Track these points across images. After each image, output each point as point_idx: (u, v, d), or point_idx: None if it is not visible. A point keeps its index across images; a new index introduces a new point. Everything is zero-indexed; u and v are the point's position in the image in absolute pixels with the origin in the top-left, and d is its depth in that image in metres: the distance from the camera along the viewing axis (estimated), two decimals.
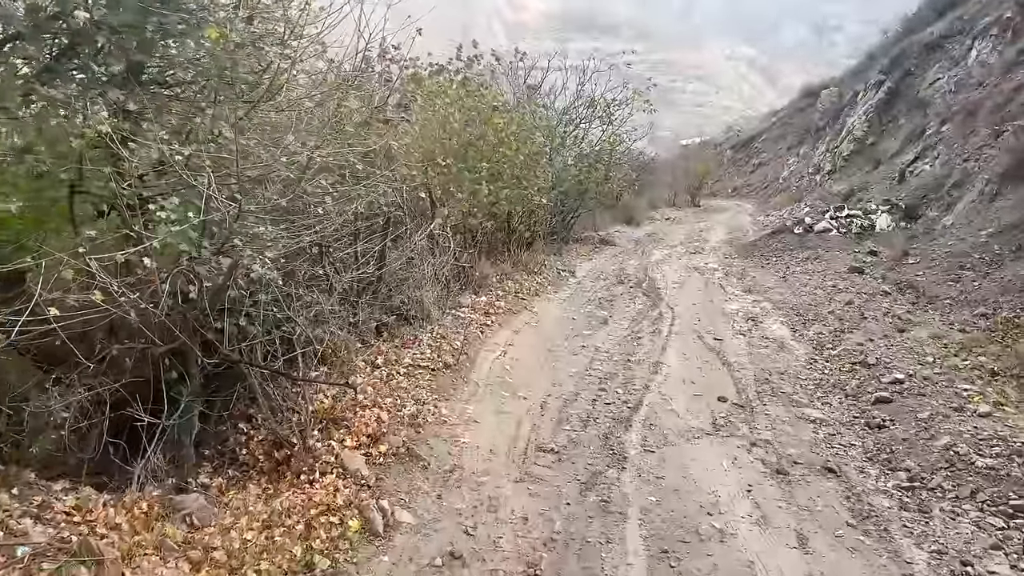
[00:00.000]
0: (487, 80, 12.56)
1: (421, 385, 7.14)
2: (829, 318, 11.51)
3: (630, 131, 20.50)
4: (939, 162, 18.49)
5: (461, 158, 11.35)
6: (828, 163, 27.98)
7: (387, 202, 8.35)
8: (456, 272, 10.42)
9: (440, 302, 9.17)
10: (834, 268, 15.02)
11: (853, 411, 8.06)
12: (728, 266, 16.20)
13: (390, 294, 8.38)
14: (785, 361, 9.61)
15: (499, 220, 12.59)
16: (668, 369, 8.81)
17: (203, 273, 5.61)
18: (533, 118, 14.70)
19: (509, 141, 11.89)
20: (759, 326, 11.20)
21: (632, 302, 12.28)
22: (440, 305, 9.14)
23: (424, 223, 9.35)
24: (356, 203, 7.60)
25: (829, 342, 10.49)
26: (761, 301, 12.67)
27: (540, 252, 14.77)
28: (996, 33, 23.01)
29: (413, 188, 9.98)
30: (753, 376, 8.93)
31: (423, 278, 8.68)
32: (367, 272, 7.80)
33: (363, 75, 9.30)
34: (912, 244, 15.60)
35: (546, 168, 14.49)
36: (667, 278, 14.51)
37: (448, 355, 7.92)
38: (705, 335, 10.44)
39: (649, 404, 7.62)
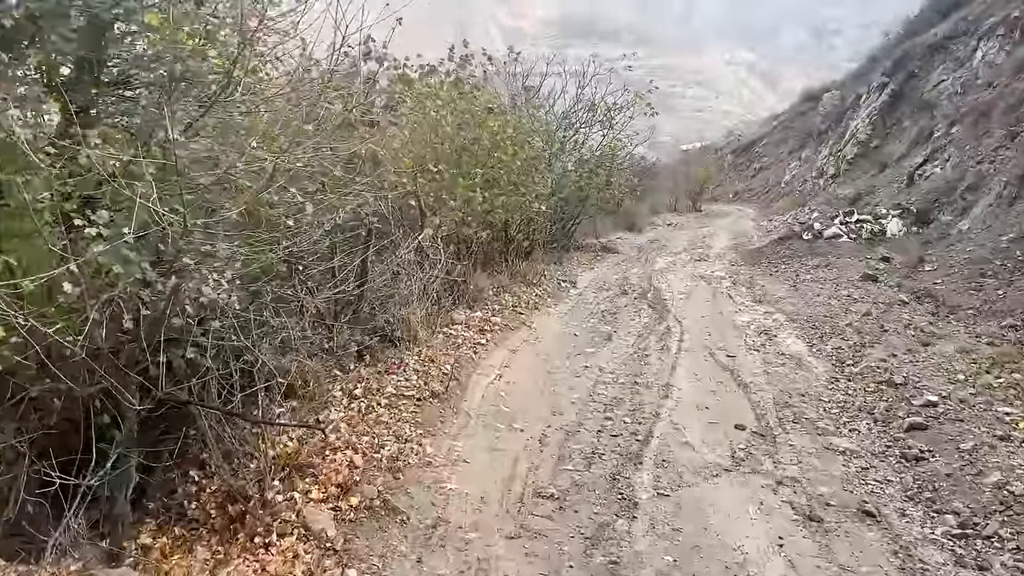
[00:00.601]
0: (480, 82, 11.64)
1: (404, 418, 6.21)
2: (847, 331, 10.58)
3: (631, 136, 19.61)
4: (950, 165, 17.56)
5: (454, 164, 10.44)
6: (831, 167, 27.09)
7: (371, 212, 7.47)
8: (448, 286, 9.51)
9: (430, 320, 8.25)
10: (846, 276, 14.09)
11: (885, 439, 7.13)
12: (735, 274, 15.27)
13: (373, 313, 7.47)
14: (805, 381, 8.68)
15: (495, 229, 11.69)
16: (679, 392, 7.88)
17: (144, 298, 4.72)
18: (531, 121, 13.80)
19: (505, 146, 10.98)
20: (773, 340, 10.27)
21: (637, 315, 11.35)
22: (430, 324, 8.23)
23: (413, 234, 8.45)
24: (335, 213, 6.71)
25: (849, 358, 9.56)
26: (773, 312, 11.74)
27: (539, 262, 13.86)
28: (1003, 33, 22.09)
29: (402, 196, 9.08)
30: (772, 399, 8.00)
31: (410, 295, 7.76)
32: (346, 290, 6.89)
33: (345, 74, 8.39)
34: (927, 250, 14.67)
35: (545, 174, 13.57)
36: (673, 288, 13.58)
37: (436, 381, 6.99)
38: (717, 352, 9.52)
39: (660, 435, 6.69)
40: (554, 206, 15.68)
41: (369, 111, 8.82)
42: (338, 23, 6.98)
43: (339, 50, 7.14)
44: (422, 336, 7.69)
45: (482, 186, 10.23)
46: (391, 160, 9.00)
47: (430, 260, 8.62)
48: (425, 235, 8.58)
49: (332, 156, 6.69)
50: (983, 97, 19.30)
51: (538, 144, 14.75)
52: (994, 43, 22.20)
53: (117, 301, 4.51)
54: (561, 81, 18.78)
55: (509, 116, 12.28)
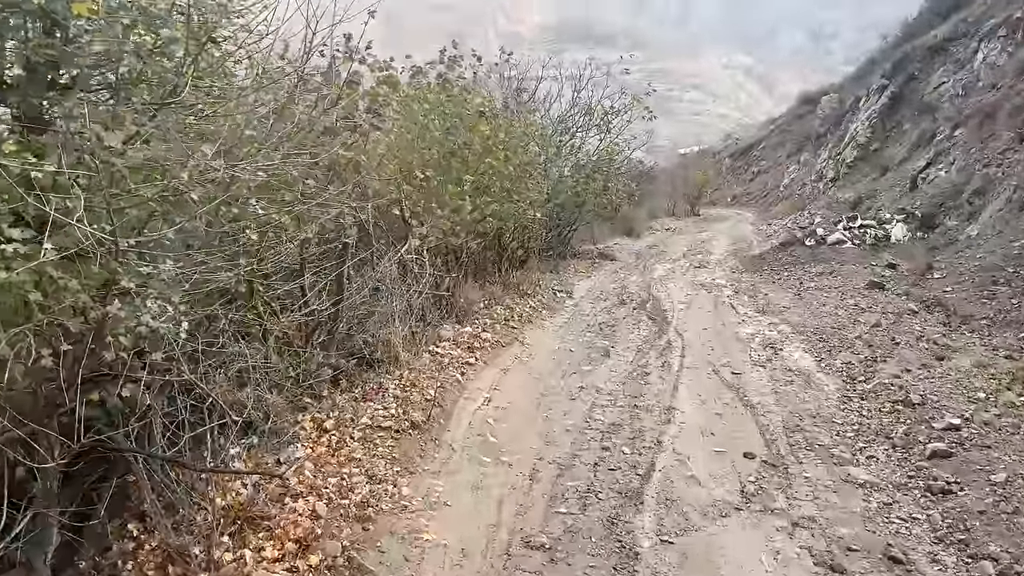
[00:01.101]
0: (470, 84, 10.95)
1: (379, 454, 5.52)
2: (857, 344, 9.89)
3: (629, 140, 18.95)
4: (955, 168, 16.87)
5: (443, 170, 9.76)
6: (831, 170, 26.43)
7: (349, 223, 6.80)
8: (436, 300, 8.83)
9: (414, 339, 7.56)
10: (852, 284, 13.40)
11: (906, 468, 6.44)
12: (737, 282, 14.58)
13: (350, 334, 6.78)
14: (815, 400, 7.99)
15: (488, 238, 11.00)
16: (682, 416, 7.19)
17: (71, 328, 4.05)
18: (524, 125, 13.12)
19: (497, 151, 10.30)
20: (779, 355, 9.58)
21: (636, 327, 10.67)
22: (414, 343, 7.54)
23: (396, 246, 7.76)
24: (308, 226, 6.04)
25: (861, 374, 8.88)
26: (778, 324, 11.05)
27: (534, 270, 13.17)
28: (1005, 34, 21.46)
29: (386, 205, 8.41)
30: (781, 422, 7.31)
31: (392, 312, 7.08)
32: (319, 310, 6.21)
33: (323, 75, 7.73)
34: (934, 256, 13.99)
35: (540, 179, 12.89)
36: (673, 297, 12.89)
37: (418, 409, 6.28)
38: (721, 368, 8.83)
39: (663, 468, 6.00)
40: (550, 212, 15.02)
41: (351, 115, 8.16)
42: (308, 19, 6.32)
43: (310, 48, 6.47)
44: (404, 358, 6.99)
45: (472, 193, 9.54)
46: (375, 167, 8.32)
47: (415, 273, 7.93)
48: (409, 247, 7.89)
49: (305, 164, 6.01)
50: (987, 99, 18.64)
51: (533, 149, 14.10)
52: (995, 44, 21.57)
53: (36, 332, 3.84)
54: (557, 85, 18.13)
55: (502, 120, 11.59)
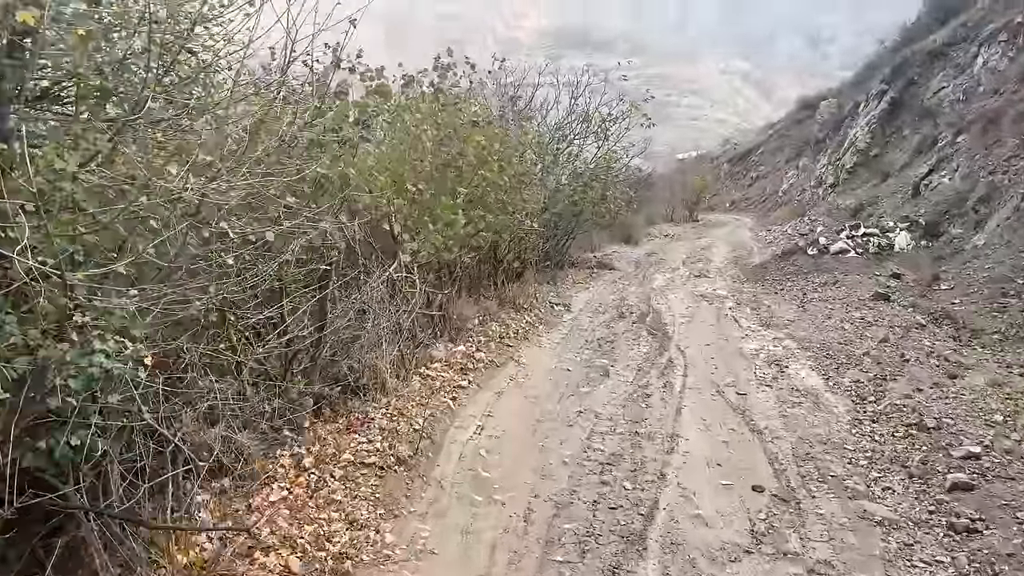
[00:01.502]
0: (464, 92, 10.51)
1: (362, 494, 5.06)
2: (865, 361, 9.45)
3: (627, 147, 18.52)
4: (959, 175, 16.45)
5: (436, 182, 9.32)
6: (830, 176, 26.02)
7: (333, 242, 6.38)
8: (427, 318, 8.39)
9: (403, 363, 7.11)
10: (856, 295, 12.97)
11: (926, 503, 5.99)
12: (738, 292, 14.15)
13: (334, 360, 6.34)
14: (825, 423, 7.54)
15: (482, 251, 10.55)
16: (686, 444, 6.74)
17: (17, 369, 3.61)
18: (520, 134, 12.69)
19: (491, 161, 9.86)
20: (785, 373, 9.14)
21: (636, 343, 10.22)
22: (403, 366, 7.09)
23: (385, 263, 7.32)
24: (290, 246, 5.60)
25: (871, 394, 8.44)
26: (783, 339, 10.61)
27: (531, 283, 12.71)
28: (1006, 39, 21.09)
29: (375, 221, 7.99)
30: (791, 449, 6.86)
31: (379, 335, 6.63)
32: (300, 336, 5.76)
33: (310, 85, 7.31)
34: (940, 266, 13.56)
35: (536, 189, 12.44)
36: (673, 310, 12.45)
37: (405, 442, 5.83)
38: (725, 389, 8.38)
39: (667, 506, 5.55)
40: (547, 222, 14.58)
41: (339, 126, 7.73)
42: (288, 27, 5.89)
43: (291, 56, 6.04)
44: (391, 384, 6.53)
45: (465, 206, 9.10)
46: (364, 181, 7.89)
47: (404, 292, 7.48)
48: (399, 264, 7.45)
49: (286, 180, 5.58)
50: (989, 104, 18.24)
51: (529, 158, 13.67)
52: (996, 49, 21.19)
53: None
54: (554, 91, 17.69)
55: (497, 129, 11.15)
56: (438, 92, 9.58)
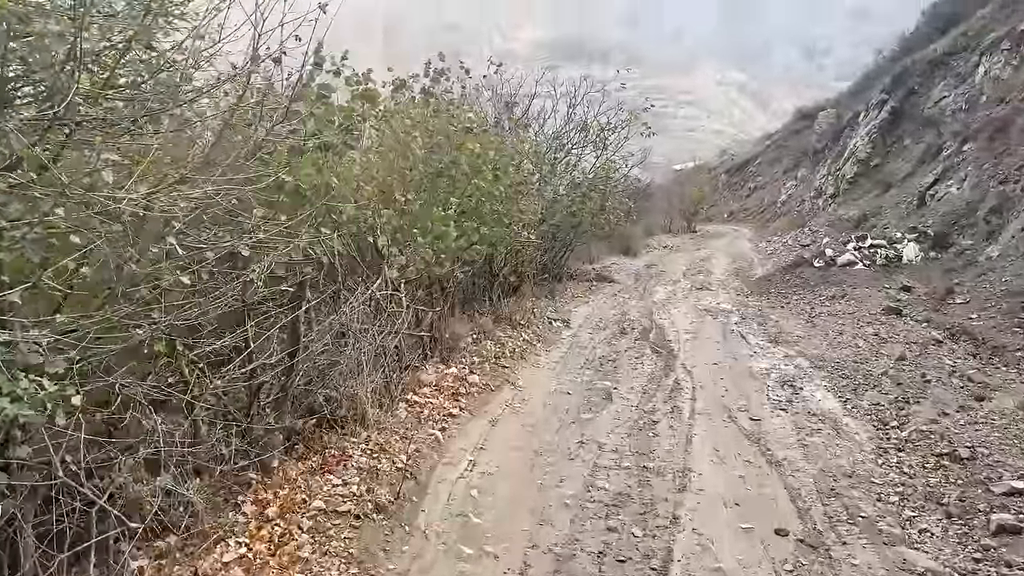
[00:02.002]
0: (457, 98, 9.82)
1: (333, 549, 4.32)
2: (883, 381, 8.75)
3: (626, 156, 17.87)
4: (968, 185, 15.79)
5: (427, 192, 8.63)
6: (831, 186, 25.40)
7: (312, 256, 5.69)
8: (415, 340, 7.67)
9: (387, 390, 6.38)
10: (866, 309, 12.28)
11: (970, 549, 5.26)
12: (743, 306, 13.45)
13: (308, 389, 5.61)
14: (847, 453, 6.82)
15: (477, 265, 9.85)
16: (699, 480, 6.01)
17: None
18: (516, 142, 12.01)
19: (485, 170, 9.17)
20: (799, 395, 8.43)
21: (640, 362, 9.51)
22: (388, 393, 6.36)
23: (369, 280, 6.61)
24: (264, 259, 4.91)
25: (893, 418, 7.73)
26: (794, 356, 9.90)
27: (528, 297, 12.01)
28: (1009, 47, 20.52)
29: (361, 233, 7.29)
30: (813, 483, 6.14)
31: (360, 360, 5.90)
32: (268, 363, 5.04)
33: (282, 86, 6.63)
34: (953, 279, 12.87)
35: (533, 199, 11.74)
36: (677, 325, 11.74)
37: (385, 485, 5.08)
38: (738, 414, 7.66)
39: (682, 557, 4.81)
40: (545, 233, 13.90)
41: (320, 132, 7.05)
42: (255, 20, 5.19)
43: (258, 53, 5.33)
44: (373, 415, 5.79)
45: (457, 218, 8.40)
46: (350, 191, 7.19)
47: (390, 311, 6.76)
48: (384, 280, 6.74)
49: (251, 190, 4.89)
50: (995, 113, 17.61)
51: (527, 167, 13.00)
52: (999, 58, 20.62)
53: None
54: (552, 101, 17.06)
55: (492, 136, 10.47)
56: (429, 97, 8.88)
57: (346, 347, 5.87)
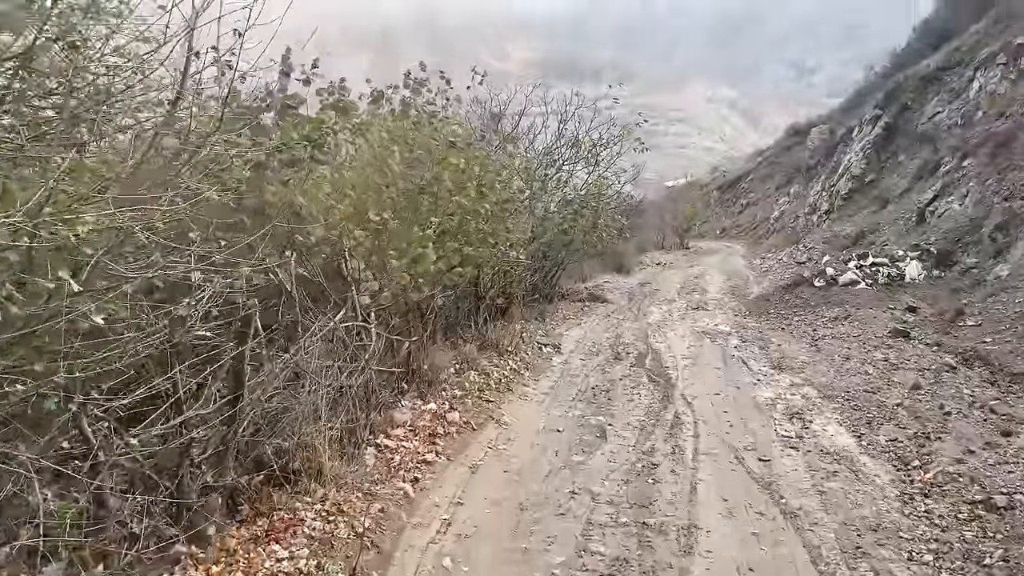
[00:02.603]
0: (440, 110, 9.03)
1: None
2: (900, 414, 7.96)
3: (619, 172, 17.15)
4: (970, 201, 15.10)
5: (405, 210, 7.83)
6: (825, 202, 24.73)
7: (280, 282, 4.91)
8: (389, 374, 6.83)
9: (351, 436, 5.53)
10: (871, 331, 11.51)
11: None
12: (742, 328, 12.65)
13: (255, 440, 4.77)
14: (870, 501, 6.00)
15: (459, 288, 9.04)
16: (707, 539, 5.18)
17: None
18: (504, 156, 11.25)
19: (469, 187, 8.39)
20: (810, 430, 7.61)
21: (636, 393, 8.68)
22: (351, 441, 5.51)
23: (336, 308, 5.79)
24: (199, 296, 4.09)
25: (915, 457, 6.93)
26: (800, 385, 9.09)
27: (517, 319, 11.19)
28: (1005, 62, 19.94)
29: (332, 256, 6.50)
30: (835, 540, 5.31)
31: (318, 404, 5.07)
32: (202, 415, 4.19)
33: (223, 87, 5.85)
34: (961, 299, 12.12)
35: (523, 217, 10.91)
36: (674, 349, 10.94)
37: (341, 557, 4.24)
38: (745, 454, 6.84)
39: None
40: (535, 252, 13.10)
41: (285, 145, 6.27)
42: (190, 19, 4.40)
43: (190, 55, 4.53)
44: (331, 469, 4.95)
45: (438, 238, 7.60)
46: (320, 209, 6.39)
47: (363, 343, 5.92)
48: (353, 309, 5.93)
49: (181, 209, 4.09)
50: (995, 127, 16.96)
51: (516, 184, 12.23)
52: (994, 73, 20.03)
53: None
54: (542, 117, 16.32)
55: (478, 151, 9.69)
56: (407, 108, 8.11)
57: (302, 389, 5.02)
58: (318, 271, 6.33)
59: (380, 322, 7.08)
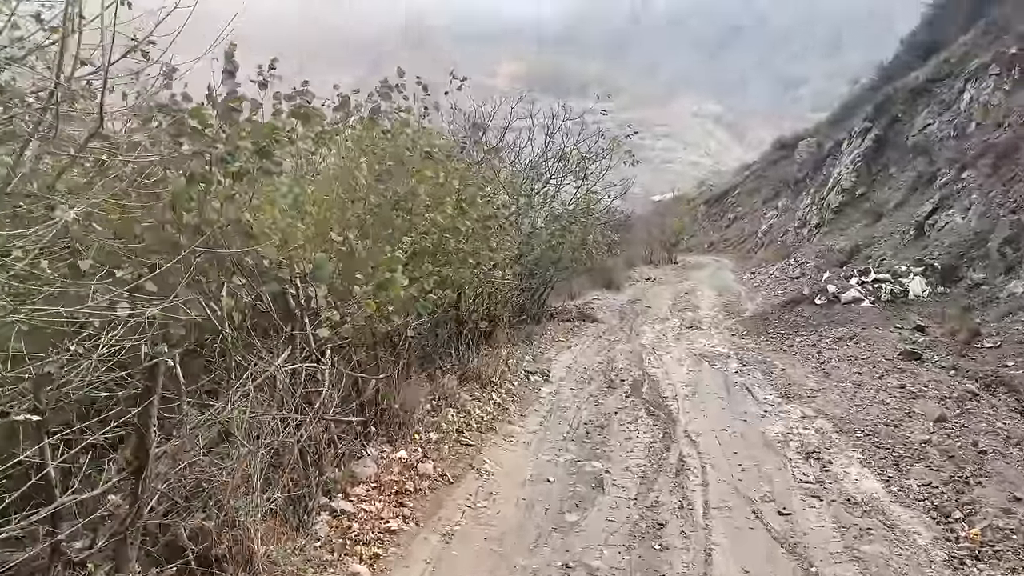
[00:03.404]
0: (413, 118, 7.98)
1: None
2: (929, 453, 6.97)
3: (607, 186, 16.21)
4: (973, 213, 14.25)
5: (373, 229, 6.80)
6: (815, 216, 23.94)
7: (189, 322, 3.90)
8: (353, 415, 5.76)
9: (296, 505, 4.46)
10: (881, 353, 10.55)
11: None
12: (741, 349, 11.66)
13: (165, 523, 3.70)
14: (914, 566, 5.00)
15: (439, 313, 8.00)
16: None
17: None
18: (487, 169, 10.24)
19: (447, 202, 7.38)
20: (831, 473, 6.61)
21: (634, 429, 7.65)
22: (295, 512, 4.44)
23: (277, 349, 4.73)
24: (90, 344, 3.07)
25: (955, 508, 5.93)
26: (812, 417, 8.10)
27: (502, 345, 10.17)
28: (998, 72, 19.25)
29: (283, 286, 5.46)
30: None
31: (249, 470, 4.00)
32: (85, 495, 3.13)
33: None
34: (973, 318, 11.20)
35: (505, 234, 9.86)
36: (671, 375, 9.93)
37: None
38: (763, 506, 5.81)
39: None
40: (522, 271, 12.09)
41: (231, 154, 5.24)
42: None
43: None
44: (263, 555, 3.88)
45: (410, 260, 6.57)
46: (275, 229, 5.36)
47: (303, 392, 4.84)
48: (304, 346, 4.88)
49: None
50: (994, 138, 16.17)
51: (502, 199, 11.23)
52: (987, 83, 19.33)
53: None
54: (528, 131, 15.36)
55: (458, 164, 8.69)
56: (374, 114, 7.09)
57: (232, 450, 3.96)
58: (271, 301, 5.29)
59: (343, 357, 6.04)
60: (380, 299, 6.11)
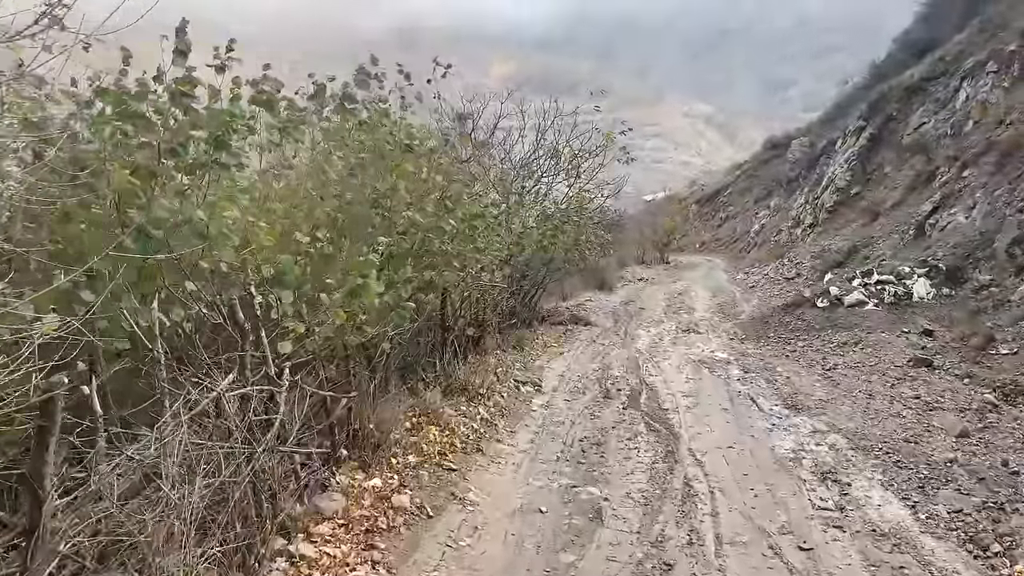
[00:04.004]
0: (396, 110, 7.19)
1: None
2: (956, 473, 6.30)
3: (600, 185, 15.48)
4: (978, 213, 13.62)
5: (346, 229, 6.05)
6: (809, 215, 23.32)
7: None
8: (320, 440, 5.01)
9: (246, 555, 3.73)
10: (889, 359, 9.90)
11: None
12: (741, 355, 10.98)
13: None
14: None
15: (418, 321, 7.24)
16: None
17: None
18: (476, 166, 9.50)
19: (428, 200, 6.64)
20: (850, 496, 5.91)
21: (634, 447, 6.93)
22: (244, 563, 3.71)
23: (225, 368, 3.99)
24: None
25: (992, 538, 5.26)
26: (825, 432, 7.40)
27: (492, 351, 9.43)
28: (996, 69, 18.70)
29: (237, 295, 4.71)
30: None
31: (179, 521, 3.25)
32: None
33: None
34: (983, 321, 10.55)
35: (494, 234, 9.10)
36: (671, 385, 9.22)
37: None
38: (780, 539, 5.10)
39: None
40: (513, 272, 11.36)
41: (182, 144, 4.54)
42: None
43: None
44: None
45: (386, 263, 5.83)
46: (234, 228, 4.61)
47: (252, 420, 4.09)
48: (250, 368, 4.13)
49: None
50: (996, 136, 15.55)
51: (492, 197, 10.51)
52: (984, 81, 18.77)
53: None
54: (519, 128, 14.61)
55: (442, 158, 7.93)
56: (346, 101, 6.33)
57: (158, 502, 3.21)
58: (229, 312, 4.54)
59: (310, 373, 5.29)
60: (352, 308, 5.38)
